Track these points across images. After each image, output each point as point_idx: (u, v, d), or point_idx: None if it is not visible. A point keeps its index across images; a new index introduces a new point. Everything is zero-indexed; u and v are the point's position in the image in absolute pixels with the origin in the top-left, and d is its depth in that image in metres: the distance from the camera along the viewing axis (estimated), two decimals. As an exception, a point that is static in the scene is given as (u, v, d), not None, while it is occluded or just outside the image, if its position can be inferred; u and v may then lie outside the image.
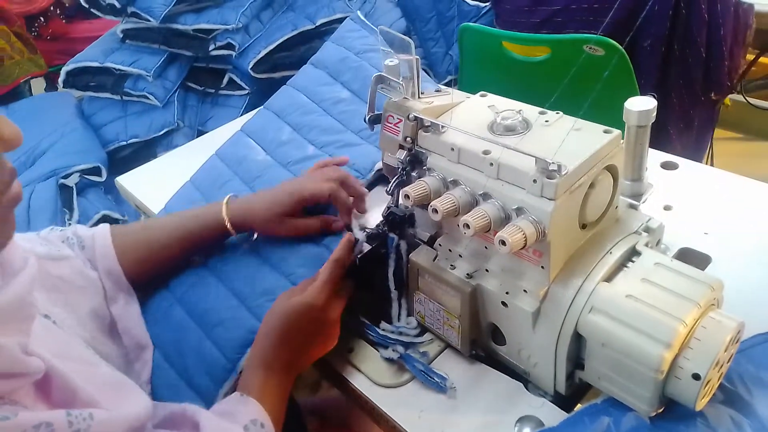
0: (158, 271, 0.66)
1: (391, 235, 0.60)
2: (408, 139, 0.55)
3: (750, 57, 1.59)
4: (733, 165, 0.79)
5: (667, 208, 0.71)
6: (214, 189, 0.77)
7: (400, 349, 0.58)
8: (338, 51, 0.85)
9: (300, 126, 0.80)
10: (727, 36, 1.22)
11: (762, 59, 1.62)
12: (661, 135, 1.30)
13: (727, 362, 0.47)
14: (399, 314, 0.62)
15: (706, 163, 1.52)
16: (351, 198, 0.66)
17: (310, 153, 0.76)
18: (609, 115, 0.58)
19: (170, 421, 0.49)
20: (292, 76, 0.87)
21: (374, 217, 0.66)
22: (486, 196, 0.49)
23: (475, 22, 1.56)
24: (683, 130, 1.34)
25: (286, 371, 0.55)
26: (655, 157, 0.79)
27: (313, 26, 1.50)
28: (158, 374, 0.61)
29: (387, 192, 0.58)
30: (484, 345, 0.58)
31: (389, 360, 0.58)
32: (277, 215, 0.63)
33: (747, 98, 1.64)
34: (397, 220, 0.61)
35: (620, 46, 1.08)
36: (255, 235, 0.68)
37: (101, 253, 0.62)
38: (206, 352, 0.60)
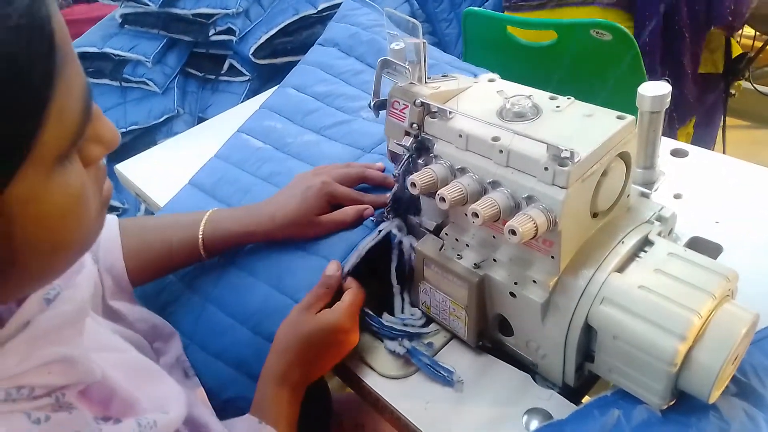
0: (158, 276, 0.63)
1: (393, 231, 0.59)
2: (414, 125, 0.54)
3: (759, 44, 1.57)
4: (741, 153, 0.77)
5: (677, 196, 0.70)
6: (245, 157, 0.75)
7: (407, 343, 0.57)
8: (346, 28, 0.83)
9: (324, 95, 0.78)
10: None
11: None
12: (676, 68, 1.26)
13: (741, 354, 0.46)
14: (402, 308, 0.61)
15: (719, 151, 1.50)
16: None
17: (341, 118, 0.74)
18: (616, 100, 0.56)
19: (196, 427, 0.47)
20: (294, 61, 0.85)
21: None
22: (495, 185, 0.48)
23: (487, 1, 1.53)
24: (696, 65, 1.30)
25: (300, 385, 0.54)
26: (664, 144, 0.77)
27: (315, 11, 1.47)
28: (230, 334, 0.60)
29: (393, 179, 0.57)
30: (491, 336, 0.57)
31: (394, 353, 0.57)
32: (311, 216, 0.60)
33: (755, 86, 1.62)
34: (402, 207, 0.60)
35: (627, 31, 1.06)
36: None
37: (106, 248, 0.58)
38: (274, 303, 0.59)
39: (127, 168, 0.94)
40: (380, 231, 0.60)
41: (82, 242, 0.33)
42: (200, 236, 0.60)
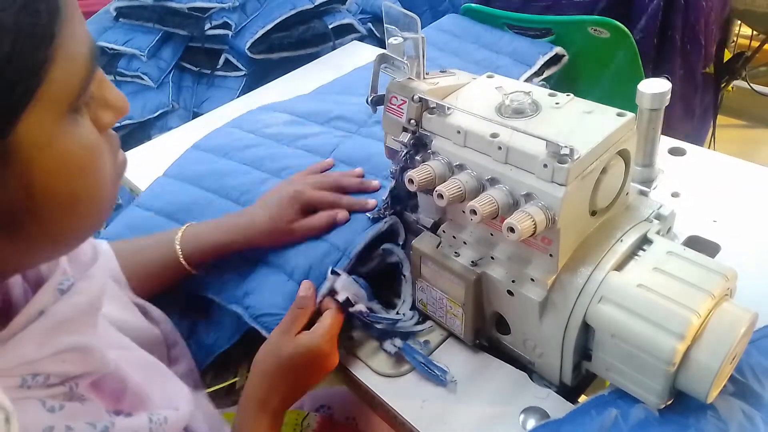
0: (150, 294, 0.61)
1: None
2: (412, 121, 0.53)
3: (756, 43, 1.57)
4: (735, 151, 0.77)
5: (674, 194, 0.70)
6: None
7: (398, 342, 0.57)
8: None
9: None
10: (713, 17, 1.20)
11: (767, 46, 1.60)
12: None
13: (739, 354, 0.46)
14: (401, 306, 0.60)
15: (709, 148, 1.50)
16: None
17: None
18: (613, 97, 0.56)
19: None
20: (290, 57, 0.85)
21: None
22: (493, 181, 0.47)
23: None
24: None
25: (280, 410, 0.53)
26: (662, 142, 0.77)
27: (312, 6, 1.46)
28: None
29: (390, 176, 0.56)
30: (488, 334, 0.56)
31: (388, 352, 0.57)
32: (285, 223, 0.60)
33: (752, 85, 1.62)
34: (399, 204, 0.60)
35: (625, 28, 1.06)
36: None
37: (105, 259, 0.56)
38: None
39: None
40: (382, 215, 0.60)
41: (99, 204, 0.33)
42: (179, 252, 0.59)
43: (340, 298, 0.55)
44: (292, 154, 0.75)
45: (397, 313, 0.59)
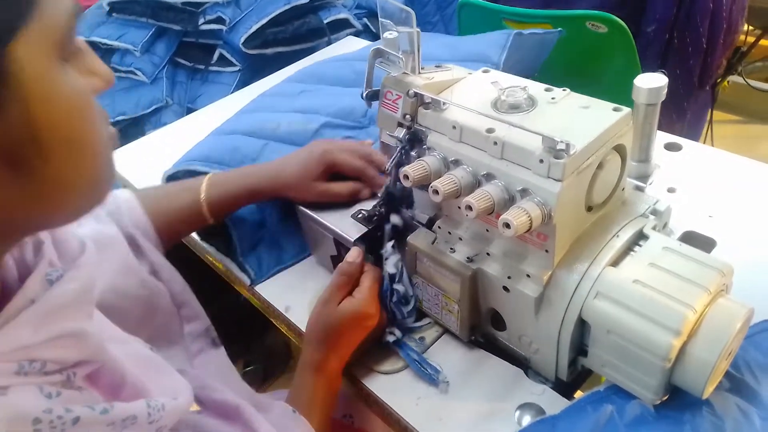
0: (172, 241, 0.63)
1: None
2: (407, 116, 0.53)
3: (751, 39, 1.57)
4: (731, 147, 0.77)
5: (671, 190, 0.69)
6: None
7: (398, 333, 0.56)
8: None
9: None
10: (723, 29, 1.20)
11: (762, 41, 1.60)
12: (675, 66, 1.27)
13: (735, 349, 0.45)
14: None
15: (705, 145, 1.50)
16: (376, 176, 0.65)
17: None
18: (610, 92, 0.56)
19: (222, 410, 0.47)
20: (285, 52, 0.86)
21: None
22: (489, 177, 0.47)
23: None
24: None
25: (336, 372, 0.55)
26: (658, 137, 0.77)
27: (307, 0, 1.45)
28: None
29: (385, 172, 0.56)
30: (484, 330, 0.56)
31: (387, 343, 0.57)
32: (309, 179, 0.62)
33: (747, 80, 1.62)
34: (395, 202, 0.59)
35: (623, 23, 1.06)
36: None
37: (128, 207, 0.59)
38: None
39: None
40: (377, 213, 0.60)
41: (98, 160, 0.34)
42: (202, 197, 0.62)
43: (390, 270, 0.56)
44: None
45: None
